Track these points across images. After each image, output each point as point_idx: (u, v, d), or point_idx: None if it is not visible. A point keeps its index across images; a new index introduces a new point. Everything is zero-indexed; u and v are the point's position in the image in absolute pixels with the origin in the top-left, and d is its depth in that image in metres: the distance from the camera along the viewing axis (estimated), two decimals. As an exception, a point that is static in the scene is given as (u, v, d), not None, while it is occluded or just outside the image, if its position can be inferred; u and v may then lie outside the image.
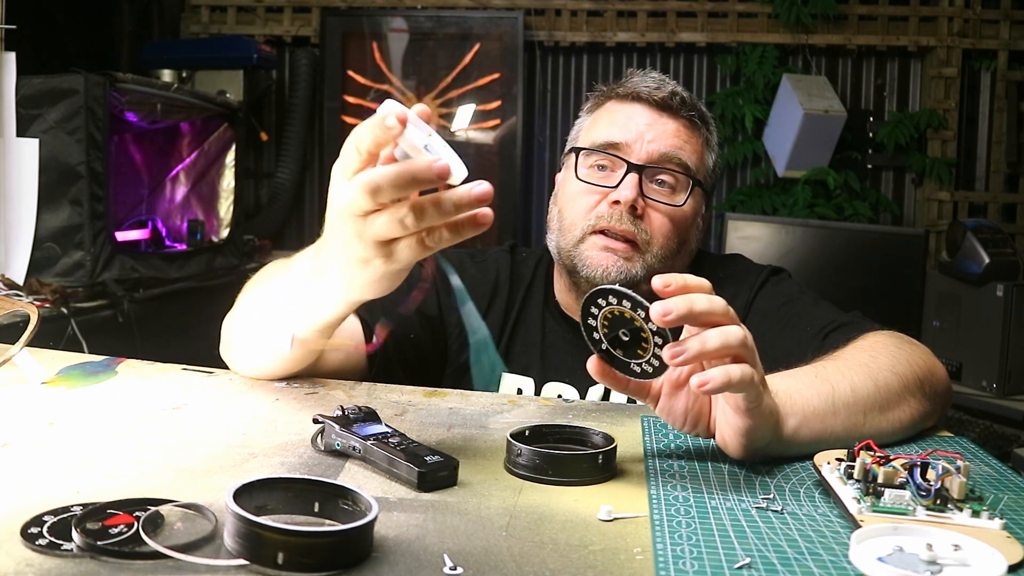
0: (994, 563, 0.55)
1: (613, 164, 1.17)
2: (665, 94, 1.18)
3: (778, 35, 3.85)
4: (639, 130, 1.16)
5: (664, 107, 1.18)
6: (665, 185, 1.16)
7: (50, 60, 2.47)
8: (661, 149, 1.16)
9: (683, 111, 1.18)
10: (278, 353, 0.96)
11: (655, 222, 1.15)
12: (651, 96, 1.18)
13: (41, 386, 0.97)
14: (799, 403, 0.81)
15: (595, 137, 1.19)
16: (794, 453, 0.80)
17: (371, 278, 0.74)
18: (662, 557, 0.58)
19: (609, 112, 1.21)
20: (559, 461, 0.72)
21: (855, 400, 0.84)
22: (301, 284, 0.84)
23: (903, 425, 0.88)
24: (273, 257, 3.49)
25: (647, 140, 1.16)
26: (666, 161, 1.16)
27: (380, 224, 0.69)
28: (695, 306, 0.70)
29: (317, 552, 0.53)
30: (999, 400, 2.61)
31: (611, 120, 1.20)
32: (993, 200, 3.88)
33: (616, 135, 1.17)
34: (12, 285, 2.05)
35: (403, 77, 3.92)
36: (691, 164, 1.17)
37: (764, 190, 3.83)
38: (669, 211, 1.16)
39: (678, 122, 1.18)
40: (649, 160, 1.15)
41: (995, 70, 3.86)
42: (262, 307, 0.95)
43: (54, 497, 0.63)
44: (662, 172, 1.16)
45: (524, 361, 1.21)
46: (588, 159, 1.19)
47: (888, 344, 0.96)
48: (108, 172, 2.31)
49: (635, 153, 1.15)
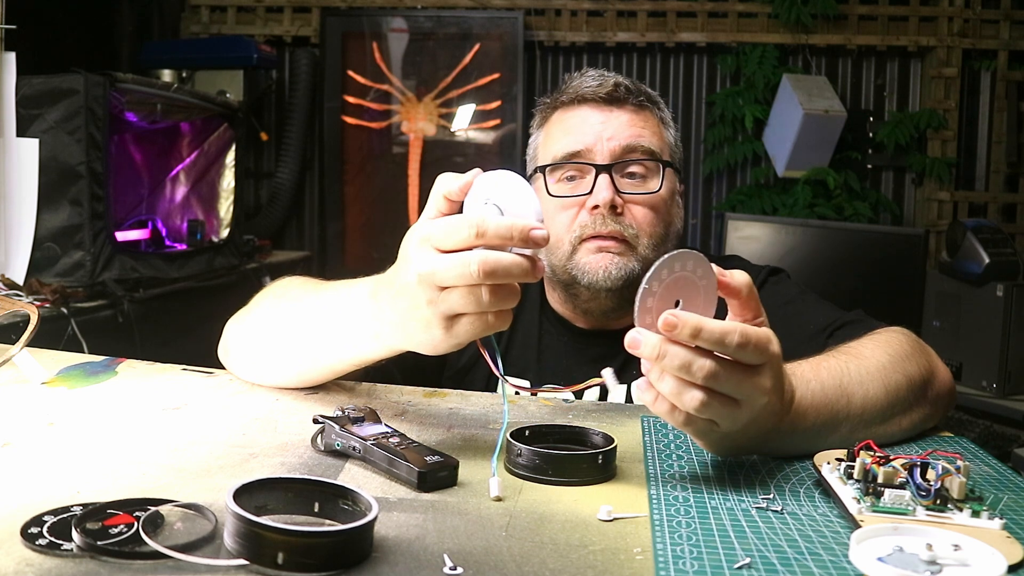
0: (994, 563, 0.55)
1: (581, 171, 1.17)
2: (609, 88, 1.18)
3: (778, 35, 3.85)
4: (595, 131, 1.17)
5: (612, 101, 1.18)
6: (636, 176, 1.17)
7: (50, 60, 2.46)
8: (622, 143, 1.16)
9: (631, 99, 1.19)
10: (303, 372, 0.95)
11: (638, 215, 1.15)
12: (596, 94, 1.18)
13: (41, 386, 0.97)
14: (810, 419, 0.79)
15: (555, 151, 1.19)
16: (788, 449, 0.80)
17: (427, 341, 0.73)
18: (662, 557, 0.58)
19: (560, 122, 1.21)
20: (559, 461, 0.72)
21: (863, 411, 0.83)
22: (348, 320, 0.83)
23: (903, 431, 0.88)
24: (273, 257, 3.49)
25: (606, 139, 1.16)
26: (630, 152, 1.16)
27: (456, 299, 0.69)
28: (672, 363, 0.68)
29: (317, 552, 0.53)
30: (999, 400, 2.61)
31: (565, 130, 1.20)
32: (993, 200, 3.88)
33: (575, 143, 1.17)
34: (12, 285, 2.05)
35: (403, 77, 3.92)
36: (655, 148, 1.18)
37: (764, 190, 3.83)
38: (648, 200, 1.16)
39: (629, 111, 1.18)
40: (614, 157, 1.15)
41: (995, 70, 3.86)
42: (291, 326, 0.92)
43: (54, 497, 0.63)
44: (630, 164, 1.16)
45: (521, 364, 1.21)
46: (555, 174, 1.19)
47: (904, 344, 0.95)
48: (108, 172, 2.31)
49: (599, 155, 1.15)
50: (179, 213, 3.08)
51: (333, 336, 0.86)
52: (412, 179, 3.95)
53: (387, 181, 4.00)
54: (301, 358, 0.92)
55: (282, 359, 0.95)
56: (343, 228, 4.05)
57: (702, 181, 4.02)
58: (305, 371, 0.94)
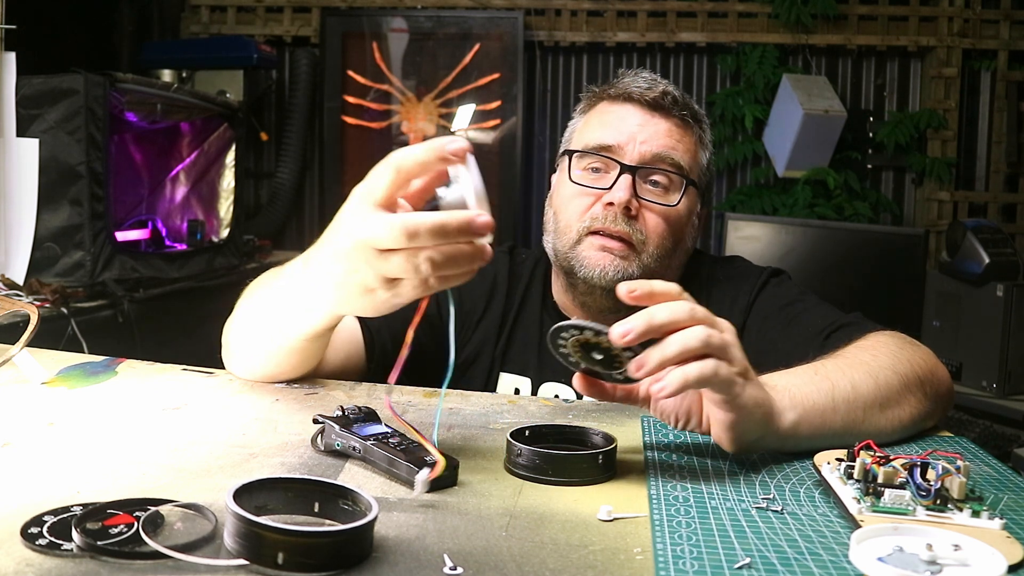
0: (994, 563, 0.55)
1: (606, 166, 1.17)
2: (656, 94, 1.18)
3: (778, 35, 3.85)
4: (631, 131, 1.16)
5: (656, 107, 1.18)
6: (659, 185, 1.17)
7: (50, 60, 2.46)
8: (653, 150, 1.16)
9: (675, 110, 1.18)
10: (273, 358, 0.97)
11: (650, 223, 1.15)
12: (642, 96, 1.18)
13: (41, 386, 0.97)
14: (798, 398, 0.81)
15: (588, 139, 1.19)
16: (793, 448, 0.80)
17: (368, 305, 0.73)
18: (662, 557, 0.58)
19: (601, 114, 1.21)
20: (559, 461, 0.72)
21: (855, 396, 0.84)
22: (289, 294, 0.84)
23: (903, 424, 0.88)
24: (273, 257, 3.49)
25: (639, 141, 1.16)
26: (659, 161, 1.16)
27: (395, 263, 0.67)
28: (654, 320, 0.71)
29: (318, 552, 0.53)
30: (999, 400, 2.61)
31: (603, 122, 1.20)
32: (993, 200, 3.88)
33: (608, 137, 1.17)
34: (12, 285, 2.05)
35: (403, 77, 3.92)
36: (684, 163, 1.17)
37: (764, 190, 3.83)
38: (663, 211, 1.16)
39: (670, 122, 1.18)
40: (642, 161, 1.15)
41: (995, 70, 3.86)
42: (256, 314, 0.95)
43: (54, 497, 0.63)
44: (655, 172, 1.16)
45: (522, 361, 1.21)
46: (581, 161, 1.19)
47: (890, 344, 0.96)
48: (108, 172, 2.31)
49: (628, 154, 1.15)
50: (179, 213, 3.08)
51: (280, 313, 0.87)
52: (412, 179, 3.94)
53: (387, 181, 3.99)
54: (264, 343, 0.94)
55: (254, 348, 0.97)
56: (343, 228, 4.04)
57: (702, 181, 4.02)
58: (271, 356, 0.96)
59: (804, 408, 0.80)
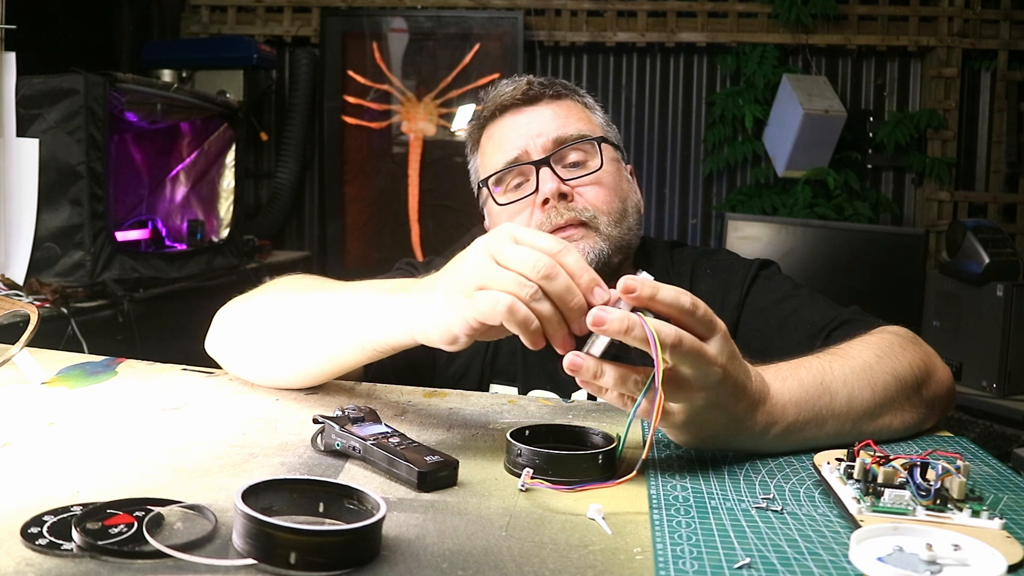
0: (994, 563, 0.55)
1: (524, 174, 1.18)
2: (523, 89, 1.20)
3: (778, 35, 3.85)
4: (524, 133, 1.18)
5: (529, 101, 1.20)
6: (577, 163, 1.18)
7: (50, 60, 2.46)
8: (551, 135, 1.17)
9: (547, 92, 1.21)
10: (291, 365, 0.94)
11: (589, 195, 1.16)
12: (513, 99, 1.20)
13: (41, 386, 0.97)
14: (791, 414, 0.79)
15: (493, 164, 1.20)
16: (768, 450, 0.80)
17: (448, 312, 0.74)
18: (662, 557, 0.58)
19: (490, 138, 1.23)
20: (559, 461, 0.72)
21: (848, 410, 0.82)
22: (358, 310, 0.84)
23: (893, 431, 0.87)
24: (273, 257, 3.49)
25: (535, 136, 1.17)
26: (562, 142, 1.17)
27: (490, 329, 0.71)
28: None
29: (329, 551, 0.53)
30: (999, 400, 2.61)
31: (496, 144, 1.21)
32: (993, 200, 3.88)
33: (509, 151, 1.18)
34: (12, 285, 2.05)
35: (403, 77, 3.92)
36: (584, 131, 1.19)
37: (764, 190, 3.83)
38: (593, 178, 1.17)
39: (549, 105, 1.20)
40: (547, 151, 1.17)
41: (995, 70, 3.86)
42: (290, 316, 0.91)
43: (54, 497, 0.63)
44: (565, 153, 1.17)
45: (510, 371, 1.21)
46: (501, 184, 1.20)
47: (893, 343, 0.94)
48: (108, 172, 2.31)
49: (533, 154, 1.17)
50: (179, 213, 3.08)
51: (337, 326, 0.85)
52: (412, 179, 3.95)
53: (387, 181, 4.00)
54: (300, 348, 0.91)
55: (281, 349, 0.94)
56: (343, 228, 4.05)
57: (702, 181, 4.02)
58: (302, 363, 0.93)
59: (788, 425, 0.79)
